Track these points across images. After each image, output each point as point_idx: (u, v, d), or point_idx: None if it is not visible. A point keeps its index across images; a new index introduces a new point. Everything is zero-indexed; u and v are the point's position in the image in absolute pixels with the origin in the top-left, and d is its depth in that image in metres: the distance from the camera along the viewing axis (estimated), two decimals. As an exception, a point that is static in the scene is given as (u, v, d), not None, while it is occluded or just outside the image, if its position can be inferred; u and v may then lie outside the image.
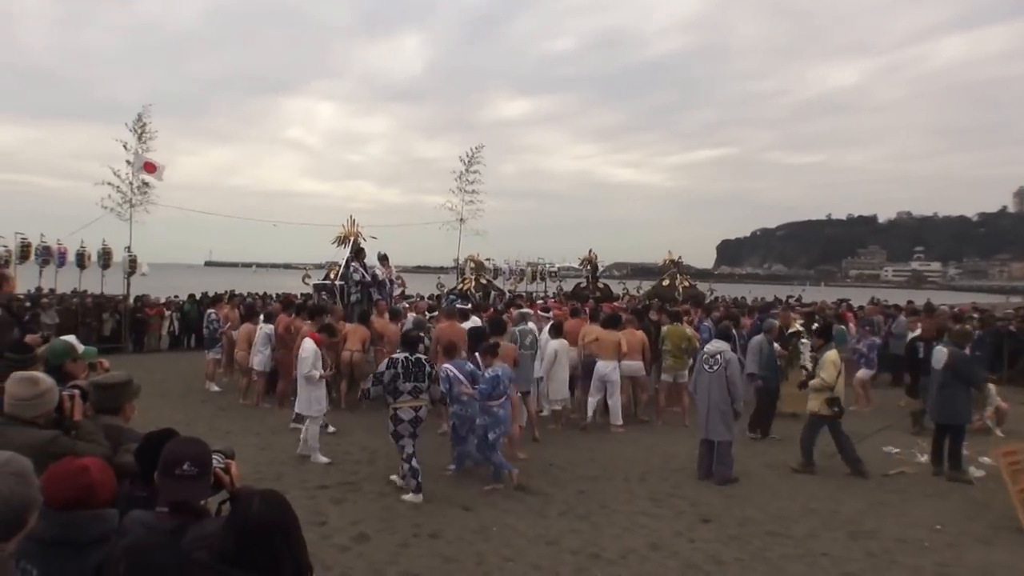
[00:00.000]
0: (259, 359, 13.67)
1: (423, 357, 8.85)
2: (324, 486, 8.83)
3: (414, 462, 8.52)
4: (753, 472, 9.98)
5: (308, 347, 10.38)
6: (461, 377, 9.31)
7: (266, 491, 2.58)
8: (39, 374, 3.98)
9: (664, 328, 13.63)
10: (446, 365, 9.41)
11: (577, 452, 10.91)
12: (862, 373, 15.07)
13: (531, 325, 12.02)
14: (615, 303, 20.45)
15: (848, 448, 9.94)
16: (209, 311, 17.18)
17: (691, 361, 12.55)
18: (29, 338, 5.62)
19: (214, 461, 2.95)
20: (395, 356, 8.83)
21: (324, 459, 9.90)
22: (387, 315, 14.30)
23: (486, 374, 9.27)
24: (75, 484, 2.73)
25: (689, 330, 13.63)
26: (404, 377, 8.51)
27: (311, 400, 10.27)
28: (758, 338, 12.41)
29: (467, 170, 27.28)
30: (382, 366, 8.76)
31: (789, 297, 31.06)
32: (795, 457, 10.22)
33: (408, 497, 8.39)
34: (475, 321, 12.83)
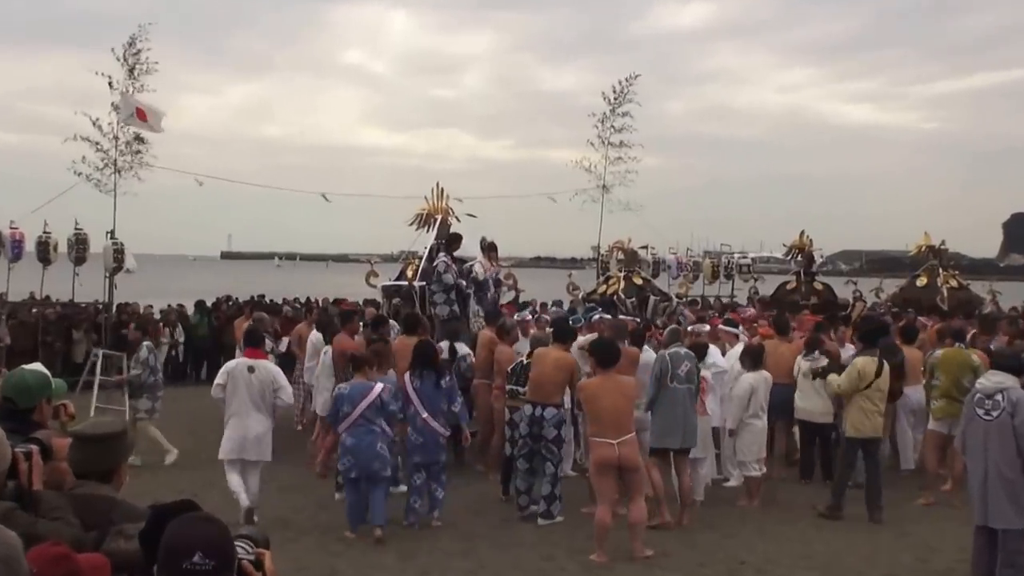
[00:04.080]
0: (323, 400, 13.39)
1: None
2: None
3: None
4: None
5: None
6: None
7: None
8: None
9: (938, 352, 13.39)
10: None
11: (783, 543, 10.87)
12: None
13: (684, 350, 11.79)
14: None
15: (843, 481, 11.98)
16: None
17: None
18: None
19: (239, 550, 3.05)
20: None
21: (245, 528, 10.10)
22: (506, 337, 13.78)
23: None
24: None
25: (976, 357, 13.33)
26: None
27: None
28: None
29: (614, 111, 27.16)
30: None
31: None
32: None
33: None
34: (647, 349, 12.74)
